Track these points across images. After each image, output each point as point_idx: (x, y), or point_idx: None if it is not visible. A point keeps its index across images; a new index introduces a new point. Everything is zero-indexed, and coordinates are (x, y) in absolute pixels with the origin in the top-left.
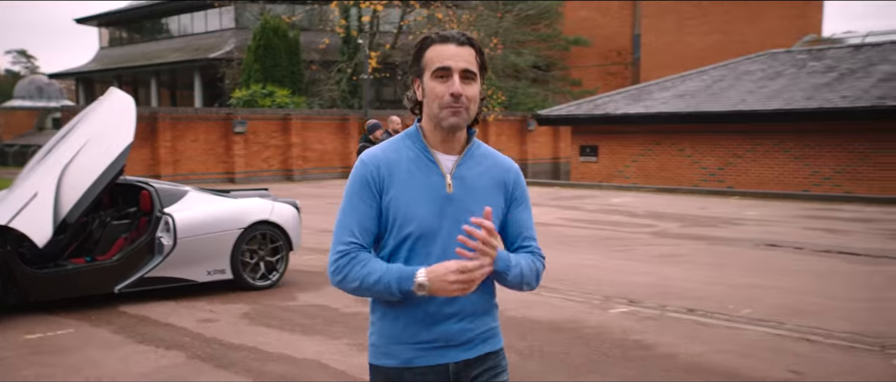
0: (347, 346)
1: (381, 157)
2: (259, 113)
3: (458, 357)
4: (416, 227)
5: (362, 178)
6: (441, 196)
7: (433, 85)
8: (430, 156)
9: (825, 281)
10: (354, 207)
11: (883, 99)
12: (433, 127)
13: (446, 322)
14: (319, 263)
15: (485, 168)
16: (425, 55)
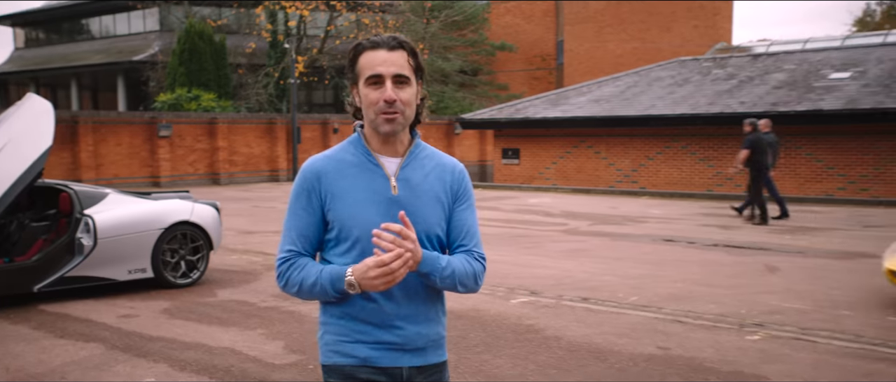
0: (261, 336)
1: (322, 165)
2: (184, 116)
3: (412, 362)
4: (361, 231)
5: (302, 188)
6: (386, 198)
7: (367, 92)
8: (374, 159)
9: (707, 271)
10: (296, 216)
11: (775, 105)
12: (373, 131)
13: (404, 326)
14: (242, 263)
15: (429, 169)
16: (358, 62)
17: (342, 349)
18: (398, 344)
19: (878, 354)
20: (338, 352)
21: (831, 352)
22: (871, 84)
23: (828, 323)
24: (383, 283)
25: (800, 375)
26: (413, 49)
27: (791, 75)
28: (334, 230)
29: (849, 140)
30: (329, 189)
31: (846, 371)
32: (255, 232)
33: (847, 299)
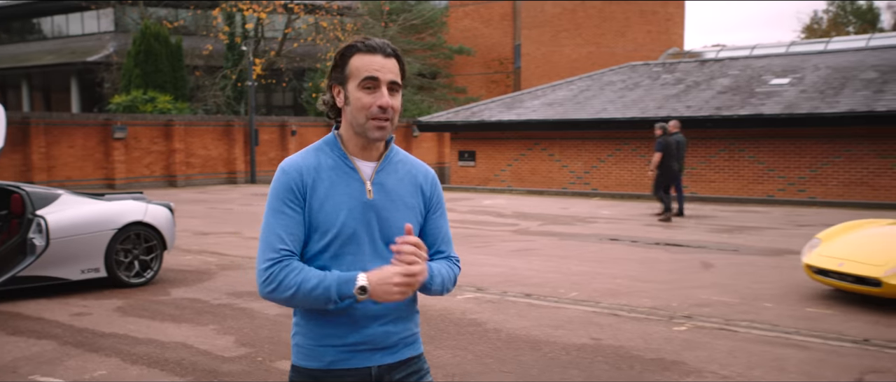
0: (213, 331)
1: (302, 164)
2: (140, 118)
3: (381, 361)
4: (337, 233)
5: (286, 186)
6: (361, 202)
7: (360, 95)
8: (350, 162)
9: (645, 267)
10: (281, 214)
11: (719, 109)
12: (353, 134)
13: (372, 326)
14: (196, 263)
15: (403, 174)
16: (350, 63)
17: (311, 352)
18: (367, 344)
19: (789, 341)
20: (307, 356)
21: (748, 340)
22: (808, 90)
23: (749, 315)
24: (401, 293)
25: (715, 360)
26: (402, 58)
27: (735, 80)
28: (311, 230)
29: (788, 143)
30: (310, 188)
31: (756, 356)
32: (210, 234)
33: (770, 292)
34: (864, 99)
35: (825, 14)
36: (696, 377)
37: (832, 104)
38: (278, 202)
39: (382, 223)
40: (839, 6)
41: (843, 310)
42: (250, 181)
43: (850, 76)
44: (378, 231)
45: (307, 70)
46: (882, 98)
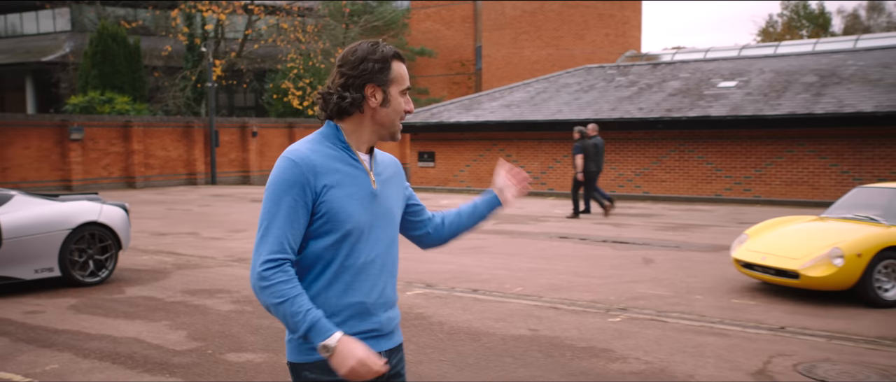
0: (166, 327)
1: (313, 157)
2: (98, 119)
3: (386, 346)
4: (353, 225)
5: (295, 180)
6: (369, 193)
7: (401, 100)
8: (354, 155)
9: (590, 264)
10: (289, 208)
11: (670, 111)
12: (369, 132)
13: (379, 313)
14: (152, 262)
15: (386, 164)
16: (393, 69)
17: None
18: (375, 331)
19: (712, 330)
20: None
21: (675, 329)
22: (754, 92)
23: (681, 306)
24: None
25: (641, 348)
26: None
27: (685, 83)
28: (322, 221)
29: (734, 144)
30: (322, 181)
31: (679, 344)
32: (167, 234)
33: (702, 286)
34: (804, 102)
35: (780, 18)
36: (621, 363)
37: (775, 106)
38: (287, 195)
39: (386, 211)
40: (793, 10)
41: (766, 301)
42: (211, 182)
43: (792, 80)
44: (385, 219)
45: (268, 71)
46: (820, 101)
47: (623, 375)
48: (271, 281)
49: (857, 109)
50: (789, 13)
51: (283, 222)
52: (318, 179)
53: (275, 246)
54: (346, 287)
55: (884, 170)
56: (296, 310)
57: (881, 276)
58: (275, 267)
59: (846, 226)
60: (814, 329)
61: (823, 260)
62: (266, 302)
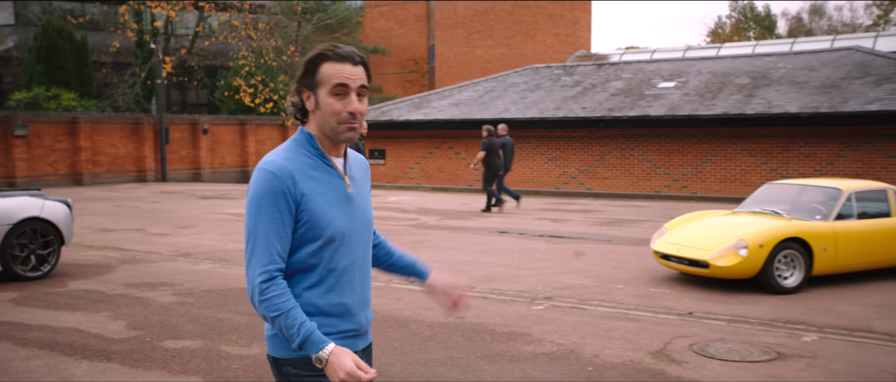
0: (106, 318)
1: (290, 166)
2: (43, 116)
3: (362, 345)
4: (335, 230)
5: (277, 190)
6: (345, 196)
7: (331, 101)
8: (328, 160)
9: (524, 257)
10: (271, 220)
11: (611, 110)
12: (324, 136)
13: (359, 312)
14: (97, 257)
15: (357, 165)
16: (321, 70)
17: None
18: (355, 330)
19: (626, 316)
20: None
21: (593, 316)
22: (691, 93)
23: (602, 295)
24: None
25: (556, 332)
26: (368, 65)
27: (628, 83)
28: (305, 229)
29: (672, 142)
30: (302, 190)
31: (593, 328)
32: (113, 230)
33: (625, 276)
34: (736, 102)
35: (728, 19)
36: (536, 345)
37: (709, 107)
38: (269, 206)
39: (362, 212)
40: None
41: (680, 289)
42: (161, 179)
43: (727, 81)
44: (362, 221)
45: (220, 68)
46: (751, 102)
47: (534, 356)
48: (267, 294)
49: (784, 110)
50: (737, 15)
51: (270, 234)
52: (297, 187)
53: (266, 259)
54: (329, 289)
55: (808, 168)
56: (290, 323)
57: (781, 265)
58: (269, 281)
59: (752, 220)
60: (718, 313)
61: (730, 250)
62: (263, 314)
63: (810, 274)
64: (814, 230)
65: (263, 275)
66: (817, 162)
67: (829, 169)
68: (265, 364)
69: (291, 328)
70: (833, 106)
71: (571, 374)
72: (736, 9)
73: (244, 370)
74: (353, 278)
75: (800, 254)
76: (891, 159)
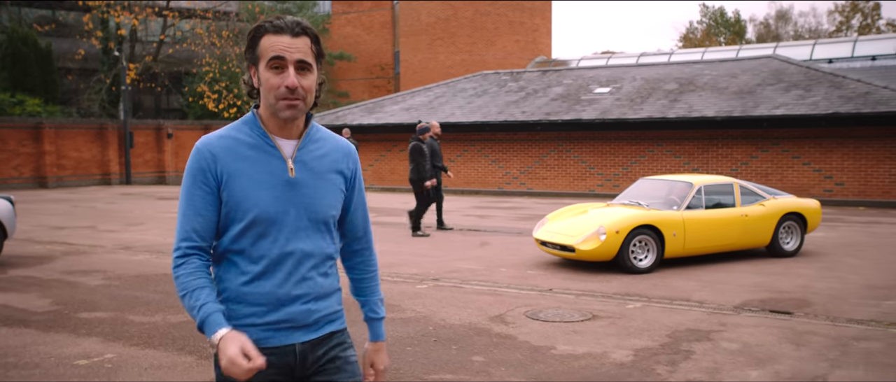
0: (35, 296)
1: (217, 143)
2: (7, 121)
3: (303, 338)
4: (259, 213)
5: (198, 167)
6: (283, 181)
7: (268, 76)
8: (270, 141)
9: (433, 246)
10: (191, 196)
11: (548, 114)
12: (270, 115)
13: (294, 304)
14: (43, 251)
15: (325, 151)
16: (260, 44)
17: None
18: (288, 322)
19: (494, 292)
20: None
21: (464, 292)
22: (623, 98)
23: (483, 276)
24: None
25: (423, 304)
26: (316, 35)
27: (567, 89)
28: (227, 209)
29: (604, 144)
30: (225, 169)
31: (455, 301)
32: (66, 228)
33: (512, 261)
34: (661, 107)
35: (699, 25)
36: (398, 312)
37: (637, 111)
38: (191, 183)
39: (306, 200)
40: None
41: (553, 271)
42: (125, 182)
43: (657, 87)
44: (303, 208)
45: (185, 74)
46: (675, 106)
47: (392, 320)
48: (177, 272)
49: (702, 114)
50: (708, 20)
51: (188, 210)
52: (218, 165)
53: (182, 236)
54: (254, 276)
55: (726, 168)
56: (193, 304)
57: (636, 249)
58: (181, 258)
59: (618, 210)
60: (573, 289)
61: (592, 236)
62: (178, 294)
63: (663, 257)
64: (665, 218)
65: (177, 252)
66: (733, 162)
67: (744, 168)
68: (162, 328)
69: (193, 309)
70: (745, 110)
71: (413, 332)
72: (707, 14)
73: (141, 333)
74: (284, 266)
75: (652, 240)
76: (796, 159)
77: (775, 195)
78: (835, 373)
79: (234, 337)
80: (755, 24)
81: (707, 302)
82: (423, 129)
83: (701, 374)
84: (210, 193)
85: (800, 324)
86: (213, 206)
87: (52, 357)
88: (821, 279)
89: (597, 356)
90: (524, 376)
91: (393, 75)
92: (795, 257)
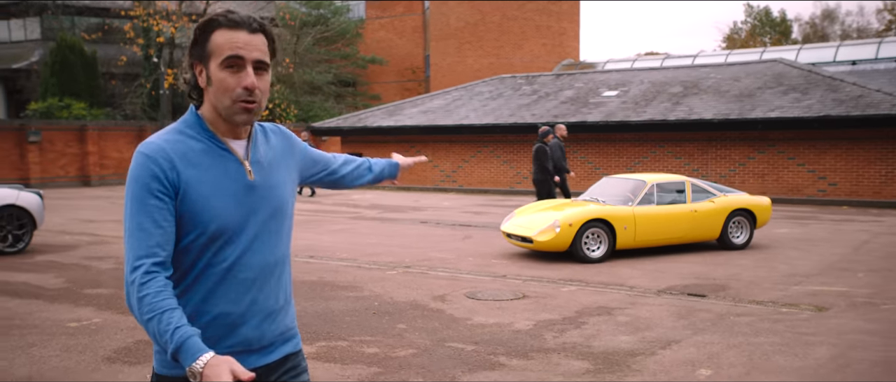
0: (51, 276)
1: (169, 150)
2: (55, 124)
3: (257, 363)
4: (220, 224)
5: (152, 175)
6: (243, 185)
7: (223, 76)
8: (223, 144)
9: (418, 239)
10: (148, 209)
11: (557, 117)
12: (218, 116)
13: (245, 328)
14: (70, 241)
15: (271, 144)
16: (211, 40)
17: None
18: (243, 346)
19: (453, 277)
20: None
21: (426, 277)
22: (628, 102)
23: (450, 265)
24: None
25: (381, 287)
26: (272, 33)
27: (577, 92)
28: (184, 221)
29: (609, 146)
30: (182, 176)
31: (414, 283)
32: (95, 221)
33: (483, 252)
34: (663, 109)
35: (744, 25)
36: (356, 292)
37: (640, 114)
38: (144, 193)
39: (265, 201)
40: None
41: (514, 261)
42: None
43: (662, 90)
44: (262, 210)
45: None
46: (676, 109)
47: (347, 297)
48: (142, 293)
49: (701, 117)
50: (753, 20)
51: (146, 223)
52: (173, 172)
53: (142, 252)
54: (208, 294)
55: (724, 168)
56: (164, 328)
57: (589, 240)
58: (146, 276)
59: (579, 206)
60: (524, 275)
61: (549, 229)
62: (138, 317)
63: (614, 248)
64: (616, 213)
65: (138, 270)
66: (731, 163)
67: (741, 169)
68: None
69: (164, 334)
70: (742, 113)
71: (358, 307)
72: (751, 14)
73: None
74: (241, 282)
75: (604, 232)
76: (791, 160)
77: (726, 192)
78: (692, 338)
79: (223, 360)
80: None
81: (637, 287)
82: (545, 133)
83: (579, 338)
84: (167, 203)
85: (701, 304)
86: (171, 217)
87: (50, 320)
88: (753, 268)
89: (503, 325)
90: (430, 339)
91: (423, 78)
92: (744, 250)
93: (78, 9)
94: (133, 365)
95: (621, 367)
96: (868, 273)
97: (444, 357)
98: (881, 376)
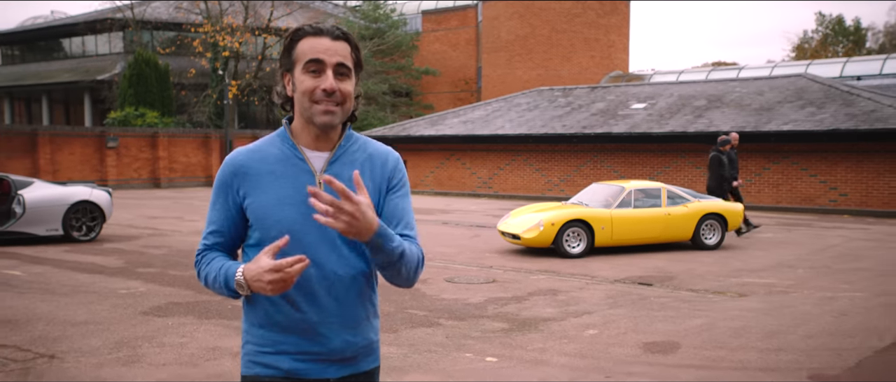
0: (114, 259)
1: (242, 158)
2: (130, 131)
3: (340, 373)
4: (281, 230)
5: (221, 182)
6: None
7: (304, 78)
8: (300, 154)
9: (432, 237)
10: (213, 208)
11: (585, 128)
12: (304, 124)
13: (330, 334)
14: (134, 232)
15: (361, 161)
16: (297, 48)
17: (264, 360)
18: (324, 354)
19: (443, 267)
20: (259, 363)
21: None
22: (654, 114)
23: (449, 257)
24: (274, 289)
25: None
26: (356, 43)
27: (608, 105)
28: (251, 227)
29: (634, 156)
30: (245, 185)
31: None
32: (159, 217)
33: (483, 248)
34: (685, 122)
35: (815, 34)
36: None
37: (662, 126)
38: (216, 194)
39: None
40: (829, 25)
41: (506, 255)
42: None
43: (686, 103)
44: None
45: None
46: (697, 122)
47: None
48: (198, 267)
49: (718, 129)
50: (824, 29)
51: (210, 218)
52: (238, 180)
53: (203, 239)
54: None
55: (741, 178)
56: (214, 277)
57: (570, 238)
58: (198, 255)
59: (563, 209)
60: (508, 267)
61: (534, 227)
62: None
63: (593, 246)
64: (595, 214)
65: (199, 249)
66: (748, 173)
67: (757, 179)
68: (186, 279)
69: (217, 281)
70: (758, 125)
71: None
72: (823, 23)
73: (171, 280)
74: (315, 288)
75: (584, 231)
76: (804, 171)
77: (700, 198)
78: (604, 312)
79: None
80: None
81: (597, 277)
82: (723, 142)
83: (514, 310)
84: (231, 207)
85: (641, 290)
86: (231, 220)
87: (107, 288)
88: (710, 264)
89: (460, 300)
90: (394, 307)
91: (476, 89)
92: (715, 250)
93: (155, 24)
94: (161, 317)
95: (531, 328)
96: (808, 269)
97: (398, 319)
98: (731, 336)
